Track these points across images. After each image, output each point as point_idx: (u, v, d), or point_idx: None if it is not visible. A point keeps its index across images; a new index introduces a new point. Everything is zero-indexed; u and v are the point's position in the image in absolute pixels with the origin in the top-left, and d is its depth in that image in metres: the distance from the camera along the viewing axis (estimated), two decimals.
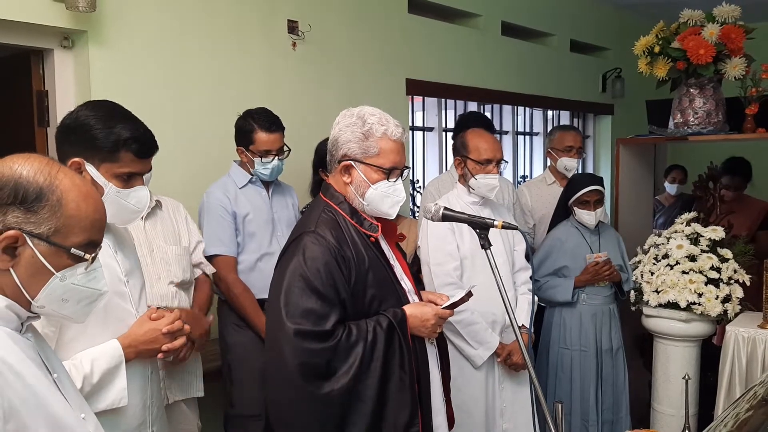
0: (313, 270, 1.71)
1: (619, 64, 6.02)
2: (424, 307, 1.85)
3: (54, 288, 1.13)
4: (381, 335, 1.73)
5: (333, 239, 1.75)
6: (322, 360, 1.68)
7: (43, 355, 1.18)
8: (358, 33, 3.91)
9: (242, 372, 2.68)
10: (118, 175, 1.62)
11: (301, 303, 1.69)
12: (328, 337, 1.68)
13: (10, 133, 3.04)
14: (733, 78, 3.19)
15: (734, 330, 2.68)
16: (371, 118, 1.81)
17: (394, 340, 1.75)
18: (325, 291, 1.70)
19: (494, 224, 1.77)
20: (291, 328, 1.67)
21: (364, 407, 1.71)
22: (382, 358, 1.72)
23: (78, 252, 1.13)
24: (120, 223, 1.72)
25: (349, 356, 1.69)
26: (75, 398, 1.22)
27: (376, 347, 1.72)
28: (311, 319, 1.68)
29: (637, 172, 3.96)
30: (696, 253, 2.88)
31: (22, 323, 1.15)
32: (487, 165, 2.62)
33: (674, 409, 2.88)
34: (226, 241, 2.65)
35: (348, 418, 1.71)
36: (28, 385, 1.07)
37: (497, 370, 2.67)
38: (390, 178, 1.82)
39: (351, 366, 1.69)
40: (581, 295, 3.12)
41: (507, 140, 5.54)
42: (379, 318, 1.76)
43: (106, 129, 1.59)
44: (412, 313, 1.81)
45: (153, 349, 1.67)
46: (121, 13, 2.87)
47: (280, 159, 2.72)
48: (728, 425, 1.49)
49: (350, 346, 1.70)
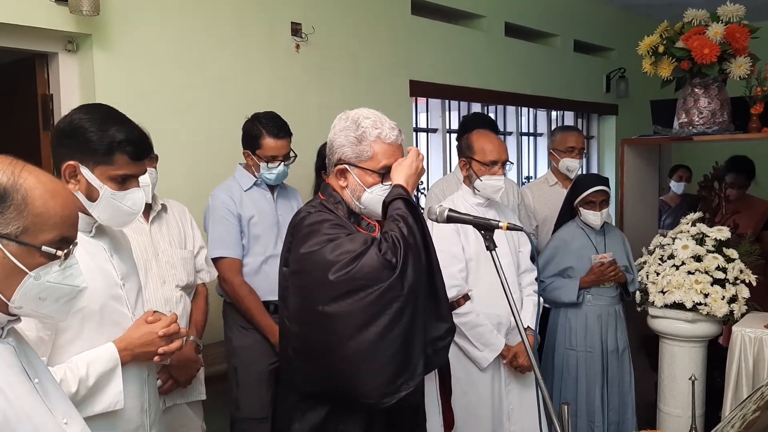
0: (327, 227, 1.71)
1: (623, 64, 6.01)
2: (404, 162, 1.81)
3: (29, 288, 1.11)
4: (406, 215, 1.72)
5: (333, 216, 1.77)
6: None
7: (25, 359, 1.17)
8: (362, 35, 3.91)
9: (248, 375, 2.67)
10: (113, 178, 1.61)
11: (333, 254, 1.66)
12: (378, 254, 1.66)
13: (16, 136, 3.05)
14: (738, 77, 3.18)
15: (741, 330, 2.67)
16: (365, 122, 1.80)
17: (416, 211, 1.76)
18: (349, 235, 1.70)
19: (499, 226, 1.76)
20: (369, 247, 1.66)
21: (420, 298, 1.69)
22: (419, 231, 1.72)
23: (49, 250, 1.11)
24: (117, 225, 1.71)
25: (398, 249, 1.66)
26: (58, 403, 1.20)
27: (410, 225, 1.70)
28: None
29: (642, 172, 3.95)
30: (702, 254, 2.87)
31: (3, 327, 1.14)
32: (493, 166, 2.61)
33: (680, 410, 2.87)
34: (231, 244, 2.65)
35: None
36: (6, 395, 1.06)
37: (503, 372, 2.66)
38: (385, 182, 1.81)
39: (405, 252, 1.66)
40: (586, 296, 3.11)
41: (511, 141, 5.53)
42: (393, 201, 1.75)
43: (101, 132, 1.59)
44: (402, 179, 1.79)
45: (149, 352, 1.66)
46: (125, 17, 2.88)
47: (286, 164, 2.72)
48: (735, 426, 1.49)
49: (394, 241, 1.67)
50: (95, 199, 1.60)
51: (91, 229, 1.66)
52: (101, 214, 1.62)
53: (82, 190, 1.60)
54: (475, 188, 2.65)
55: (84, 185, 1.60)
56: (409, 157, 1.82)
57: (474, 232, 2.61)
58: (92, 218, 1.65)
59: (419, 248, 1.69)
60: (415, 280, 1.65)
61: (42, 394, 1.16)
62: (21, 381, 1.12)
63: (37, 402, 1.13)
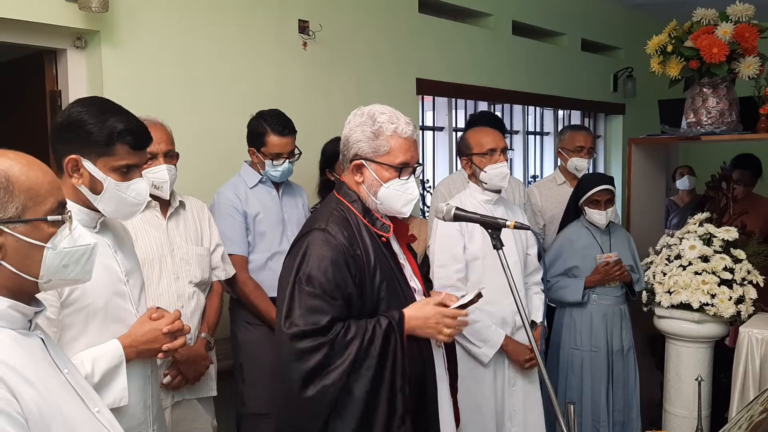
0: (319, 268, 1.70)
1: (630, 63, 5.99)
2: (425, 306, 1.81)
3: (51, 259, 1.14)
4: (379, 334, 1.71)
5: (343, 238, 1.74)
6: (319, 356, 1.67)
7: (53, 351, 1.18)
8: (369, 33, 3.91)
9: (254, 371, 2.68)
10: (116, 169, 1.60)
11: (303, 302, 1.69)
12: (326, 332, 1.67)
13: (24, 132, 3.06)
14: (747, 77, 3.17)
15: (748, 331, 2.66)
16: (381, 117, 1.80)
17: (391, 341, 1.73)
18: (329, 289, 1.69)
19: (506, 224, 1.76)
20: (288, 332, 1.67)
21: (355, 405, 1.69)
22: (377, 357, 1.70)
23: (55, 217, 1.14)
24: (122, 217, 1.71)
25: (344, 351, 1.68)
26: (88, 393, 1.22)
27: (372, 345, 1.70)
28: (311, 318, 1.67)
29: (649, 172, 3.94)
30: (709, 254, 2.86)
31: (30, 320, 1.15)
32: (492, 154, 2.62)
33: (686, 410, 2.86)
34: (236, 241, 2.66)
35: (338, 415, 1.69)
36: (38, 390, 1.07)
37: (507, 372, 2.66)
38: (402, 176, 1.81)
39: (344, 360, 1.68)
40: (592, 295, 3.10)
41: (517, 140, 5.52)
42: (380, 318, 1.75)
43: (100, 123, 1.58)
44: (411, 315, 1.78)
45: (153, 349, 1.67)
46: (133, 14, 2.88)
47: (291, 162, 2.72)
48: (742, 428, 1.48)
49: (347, 342, 1.69)
50: (99, 191, 1.60)
51: (95, 224, 1.66)
52: (106, 207, 1.62)
53: (86, 184, 1.59)
54: (482, 181, 2.65)
55: (87, 178, 1.59)
56: (437, 310, 1.79)
57: (481, 231, 2.61)
58: (96, 214, 1.64)
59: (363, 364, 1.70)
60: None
61: (74, 384, 1.18)
62: (51, 374, 1.13)
63: (68, 393, 1.15)
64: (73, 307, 1.55)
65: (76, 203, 1.61)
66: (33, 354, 1.12)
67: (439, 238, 2.62)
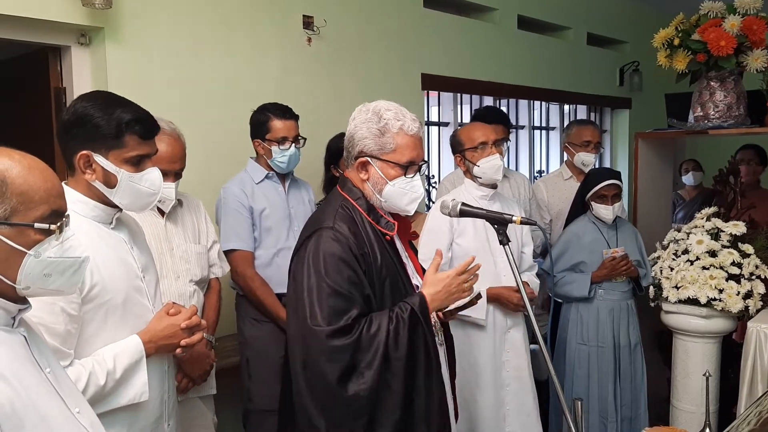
0: (335, 267, 1.68)
1: (636, 57, 5.96)
2: (436, 277, 1.79)
3: (31, 266, 1.11)
4: (404, 325, 1.69)
5: (352, 236, 1.73)
6: (348, 355, 1.64)
7: (36, 350, 1.17)
8: (374, 28, 3.90)
9: (261, 367, 2.68)
10: (128, 160, 1.60)
11: (324, 301, 1.66)
12: (351, 330, 1.65)
13: (29, 129, 3.07)
14: (755, 70, 3.14)
15: (756, 326, 2.64)
16: (387, 114, 1.78)
17: (418, 331, 1.72)
18: (347, 287, 1.68)
19: (512, 220, 1.75)
20: (317, 329, 1.64)
21: (394, 398, 1.67)
22: (407, 346, 1.68)
23: (42, 225, 1.11)
24: (138, 209, 1.70)
25: (371, 347, 1.65)
26: (70, 392, 1.21)
27: (399, 335, 1.68)
28: (335, 317, 1.65)
29: (656, 166, 3.91)
30: (716, 249, 2.84)
31: (13, 317, 1.14)
32: (485, 147, 2.62)
33: (694, 406, 2.84)
34: (243, 236, 2.66)
35: (378, 412, 1.67)
36: (12, 386, 1.05)
37: (503, 374, 2.67)
38: (407, 174, 1.80)
39: (374, 357, 1.65)
40: (598, 290, 3.09)
41: (523, 135, 5.50)
42: (401, 307, 1.73)
43: (107, 115, 1.57)
44: (430, 292, 1.77)
45: (172, 344, 1.68)
46: (137, 10, 2.88)
47: (297, 147, 2.73)
48: (751, 423, 1.47)
49: (371, 336, 1.66)
50: (113, 185, 1.59)
51: (111, 220, 1.66)
52: (123, 200, 1.62)
53: (99, 179, 1.59)
54: (476, 176, 2.65)
55: (100, 173, 1.59)
56: (448, 274, 1.78)
57: (473, 227, 2.62)
58: (112, 209, 1.64)
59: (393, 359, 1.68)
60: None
61: (54, 383, 1.16)
62: (30, 371, 1.12)
63: (48, 392, 1.13)
64: (94, 303, 1.55)
65: (92, 199, 1.61)
66: (13, 351, 1.10)
67: (426, 232, 2.63)
